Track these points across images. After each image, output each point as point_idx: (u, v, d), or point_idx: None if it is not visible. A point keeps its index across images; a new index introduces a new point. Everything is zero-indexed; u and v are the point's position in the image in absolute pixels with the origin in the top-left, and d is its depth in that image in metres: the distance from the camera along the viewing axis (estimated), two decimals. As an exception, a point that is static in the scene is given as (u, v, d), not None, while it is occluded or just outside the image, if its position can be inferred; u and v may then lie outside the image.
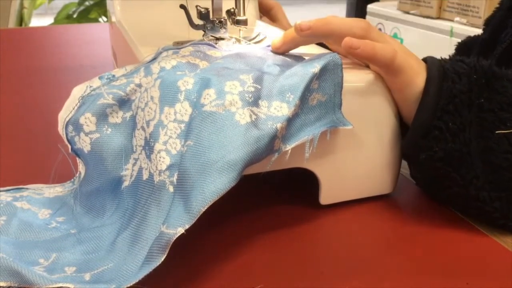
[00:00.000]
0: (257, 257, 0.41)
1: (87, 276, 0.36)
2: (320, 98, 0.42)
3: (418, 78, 0.44)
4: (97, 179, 0.43)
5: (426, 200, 0.50)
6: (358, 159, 0.47)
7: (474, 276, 0.39)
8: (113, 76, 0.44)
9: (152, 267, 0.34)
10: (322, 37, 0.46)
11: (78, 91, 0.44)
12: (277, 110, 0.40)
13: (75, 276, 0.36)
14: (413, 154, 0.45)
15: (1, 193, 0.46)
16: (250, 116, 0.39)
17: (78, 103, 0.43)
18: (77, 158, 0.45)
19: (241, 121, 0.39)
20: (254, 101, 0.40)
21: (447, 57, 0.48)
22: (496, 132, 0.42)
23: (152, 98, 0.41)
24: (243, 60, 0.45)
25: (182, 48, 0.46)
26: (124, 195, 0.42)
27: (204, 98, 0.39)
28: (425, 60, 0.46)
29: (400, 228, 0.46)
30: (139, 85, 0.43)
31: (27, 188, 0.47)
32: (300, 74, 0.41)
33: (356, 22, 0.44)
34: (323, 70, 0.42)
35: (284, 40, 0.47)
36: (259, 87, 0.41)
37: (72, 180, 0.48)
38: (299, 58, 0.47)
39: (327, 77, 0.42)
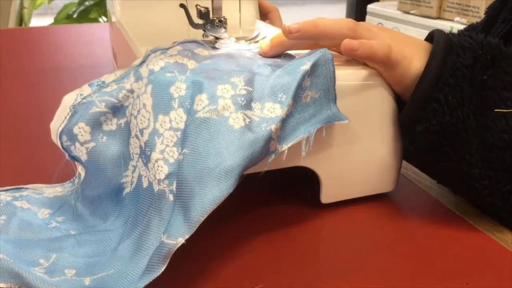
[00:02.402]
0: (257, 257, 0.41)
1: (87, 281, 0.36)
2: (313, 95, 0.42)
3: (413, 64, 0.44)
4: (98, 187, 0.43)
5: (427, 200, 0.50)
6: (359, 157, 0.47)
7: (474, 276, 0.39)
8: (103, 82, 0.44)
9: (153, 277, 0.34)
10: (311, 39, 0.45)
11: (68, 100, 0.43)
12: (270, 112, 0.40)
13: (75, 279, 0.36)
14: (410, 126, 0.45)
15: (1, 192, 0.46)
16: (244, 119, 0.39)
17: (70, 112, 0.43)
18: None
19: (235, 126, 0.39)
20: (247, 104, 0.40)
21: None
22: (495, 110, 0.42)
23: (144, 105, 0.41)
24: (233, 61, 0.45)
25: (170, 48, 0.46)
26: (126, 201, 0.42)
27: (197, 104, 0.39)
28: (432, 33, 0.46)
29: (400, 228, 0.46)
30: (131, 91, 0.43)
31: (26, 188, 0.47)
32: (291, 73, 0.41)
33: (343, 22, 0.44)
34: (314, 66, 0.42)
35: (271, 44, 0.47)
36: (251, 89, 0.40)
37: (72, 180, 0.48)
38: (289, 57, 0.47)
39: (319, 73, 0.42)
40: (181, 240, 0.35)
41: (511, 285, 0.38)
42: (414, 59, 0.44)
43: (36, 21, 2.89)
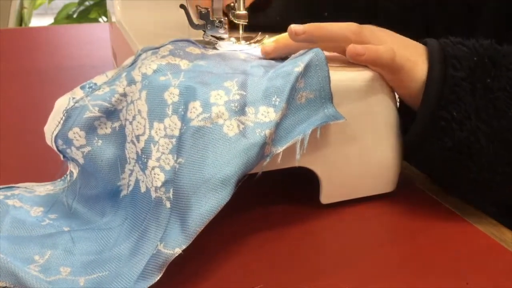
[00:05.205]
0: (257, 257, 0.41)
1: (81, 281, 0.36)
2: (307, 95, 0.42)
3: (417, 68, 0.44)
4: (96, 187, 0.44)
5: (427, 200, 0.50)
6: (359, 158, 0.47)
7: (474, 276, 0.39)
8: (95, 84, 0.44)
9: (148, 285, 0.34)
10: (315, 41, 0.45)
11: (61, 104, 0.43)
12: (264, 116, 0.40)
13: (70, 279, 0.36)
14: (421, 147, 0.44)
15: (-8, 192, 0.46)
16: (238, 126, 0.39)
17: (63, 117, 0.43)
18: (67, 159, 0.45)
19: (229, 133, 0.39)
20: (241, 109, 0.40)
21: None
22: None
23: (139, 111, 0.41)
24: (226, 63, 0.45)
25: (161, 47, 0.45)
26: (123, 203, 0.42)
27: (191, 112, 0.39)
28: (425, 42, 0.46)
29: (400, 228, 0.46)
30: (124, 95, 0.42)
31: (18, 187, 0.48)
32: (285, 75, 0.41)
33: (347, 25, 0.44)
34: (308, 67, 0.42)
35: (276, 45, 0.47)
36: (244, 93, 0.40)
37: (63, 178, 0.48)
38: (283, 58, 0.47)
39: (313, 73, 0.42)
40: (178, 251, 0.35)
41: (511, 285, 0.38)
42: (419, 62, 0.44)
43: (36, 21, 2.89)
